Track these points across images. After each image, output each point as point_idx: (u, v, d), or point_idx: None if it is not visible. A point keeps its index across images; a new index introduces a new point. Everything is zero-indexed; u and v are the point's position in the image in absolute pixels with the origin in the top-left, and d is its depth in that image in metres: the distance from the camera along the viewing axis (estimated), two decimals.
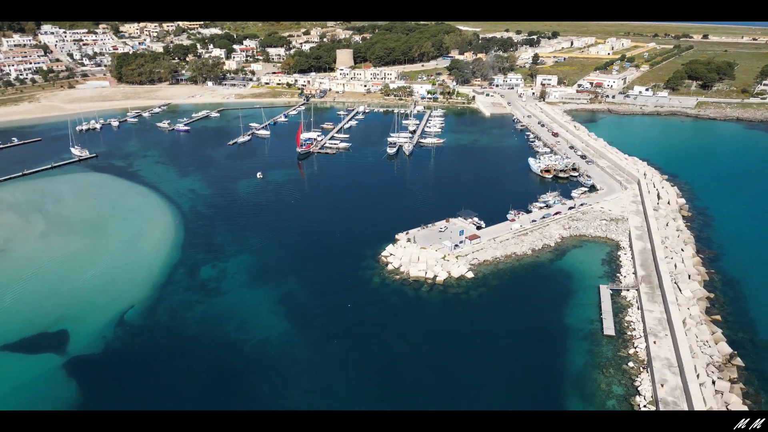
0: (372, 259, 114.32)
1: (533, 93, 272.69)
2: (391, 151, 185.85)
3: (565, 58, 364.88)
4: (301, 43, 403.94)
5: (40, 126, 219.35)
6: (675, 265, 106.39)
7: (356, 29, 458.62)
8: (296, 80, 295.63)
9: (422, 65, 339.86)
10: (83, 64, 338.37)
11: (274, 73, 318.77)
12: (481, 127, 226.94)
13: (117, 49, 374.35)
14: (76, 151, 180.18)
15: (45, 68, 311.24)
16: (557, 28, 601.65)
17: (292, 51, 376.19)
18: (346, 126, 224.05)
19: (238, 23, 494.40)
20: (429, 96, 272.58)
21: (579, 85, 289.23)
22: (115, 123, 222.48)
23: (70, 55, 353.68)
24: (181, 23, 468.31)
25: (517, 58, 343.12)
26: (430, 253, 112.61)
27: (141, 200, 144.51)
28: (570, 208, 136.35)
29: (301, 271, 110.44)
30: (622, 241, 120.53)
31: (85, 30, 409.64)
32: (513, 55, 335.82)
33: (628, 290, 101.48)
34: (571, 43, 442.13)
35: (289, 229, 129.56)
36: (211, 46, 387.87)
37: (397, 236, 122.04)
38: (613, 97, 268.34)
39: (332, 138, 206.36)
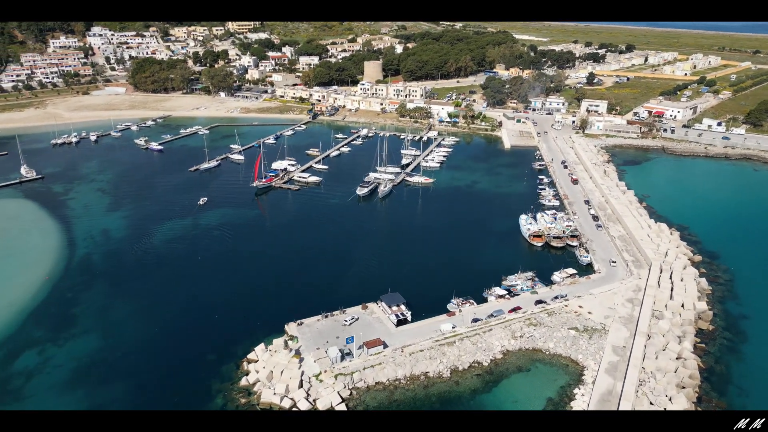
0: (235, 362, 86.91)
1: (573, 121, 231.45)
2: (361, 191, 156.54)
3: (629, 78, 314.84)
4: (339, 51, 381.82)
5: (26, 137, 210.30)
6: None
7: (403, 37, 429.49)
8: (311, 95, 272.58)
9: (458, 81, 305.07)
10: (114, 69, 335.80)
11: (294, 85, 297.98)
12: (491, 163, 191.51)
13: (155, 53, 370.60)
14: (23, 171, 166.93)
15: (73, 72, 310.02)
16: (640, 40, 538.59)
17: (335, 60, 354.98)
18: (335, 154, 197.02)
19: (288, 28, 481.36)
20: (447, 120, 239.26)
21: (635, 114, 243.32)
22: (93, 137, 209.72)
23: (107, 59, 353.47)
24: (230, 27, 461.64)
25: (566, 77, 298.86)
26: (306, 365, 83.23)
27: (36, 242, 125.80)
28: (537, 303, 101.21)
29: (139, 371, 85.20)
30: (587, 369, 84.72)
31: (133, 33, 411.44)
32: (561, 73, 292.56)
33: None
34: (645, 59, 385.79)
35: (173, 298, 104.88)
36: (248, 52, 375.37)
37: (287, 327, 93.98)
38: (673, 131, 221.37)
39: (309, 168, 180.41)
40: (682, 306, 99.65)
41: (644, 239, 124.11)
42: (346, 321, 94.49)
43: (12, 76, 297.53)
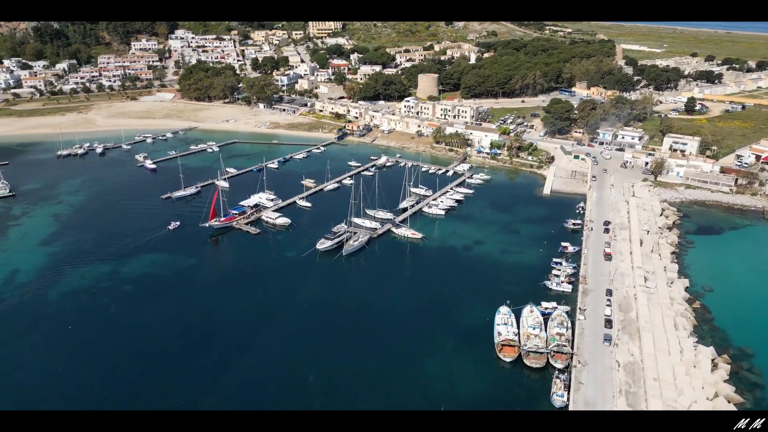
0: None
1: (646, 163, 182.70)
2: (323, 246, 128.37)
3: (744, 107, 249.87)
4: (406, 61, 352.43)
5: (40, 145, 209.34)
6: None
7: (484, 45, 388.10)
8: (349, 110, 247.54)
9: (523, 101, 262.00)
10: (177, 73, 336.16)
11: (340, 98, 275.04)
12: (515, 215, 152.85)
13: (224, 58, 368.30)
14: None
15: (134, 76, 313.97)
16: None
17: (395, 70, 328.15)
18: (332, 187, 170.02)
19: (370, 32, 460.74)
20: (487, 152, 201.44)
21: (737, 158, 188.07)
22: (99, 149, 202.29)
23: (176, 63, 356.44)
24: (310, 31, 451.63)
25: (655, 102, 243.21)
26: None
27: None
28: None
29: None
30: None
31: (213, 36, 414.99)
32: (649, 96, 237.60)
33: None
34: None
35: None
36: (308, 59, 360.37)
37: None
38: None
39: (291, 205, 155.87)
40: None
41: (661, 376, 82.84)
42: None
43: (77, 78, 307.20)
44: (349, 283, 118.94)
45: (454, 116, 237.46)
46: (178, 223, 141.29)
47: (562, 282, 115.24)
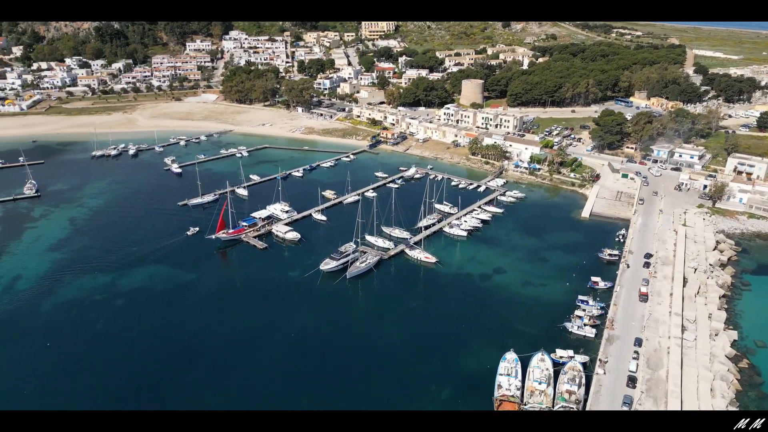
0: None
1: (705, 187, 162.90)
2: (327, 266, 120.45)
3: None
4: (456, 64, 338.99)
5: (82, 144, 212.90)
6: None
7: (540, 50, 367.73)
8: (386, 117, 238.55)
9: (573, 111, 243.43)
10: (224, 75, 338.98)
11: (381, 103, 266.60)
12: (545, 241, 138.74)
13: (272, 59, 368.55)
14: (26, 187, 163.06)
15: (182, 76, 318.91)
16: None
17: (441, 74, 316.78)
18: (351, 200, 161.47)
19: (423, 35, 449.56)
20: (525, 167, 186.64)
21: None
22: (132, 150, 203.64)
23: (226, 64, 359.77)
24: (362, 33, 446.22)
25: (723, 116, 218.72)
26: None
27: None
28: None
29: None
30: None
31: (266, 37, 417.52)
32: (715, 110, 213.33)
33: None
34: None
35: None
36: (356, 62, 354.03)
37: None
38: None
39: (306, 218, 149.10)
40: None
41: None
42: None
43: (129, 77, 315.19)
44: (346, 311, 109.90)
45: (496, 125, 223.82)
46: (197, 228, 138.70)
47: (585, 325, 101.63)
